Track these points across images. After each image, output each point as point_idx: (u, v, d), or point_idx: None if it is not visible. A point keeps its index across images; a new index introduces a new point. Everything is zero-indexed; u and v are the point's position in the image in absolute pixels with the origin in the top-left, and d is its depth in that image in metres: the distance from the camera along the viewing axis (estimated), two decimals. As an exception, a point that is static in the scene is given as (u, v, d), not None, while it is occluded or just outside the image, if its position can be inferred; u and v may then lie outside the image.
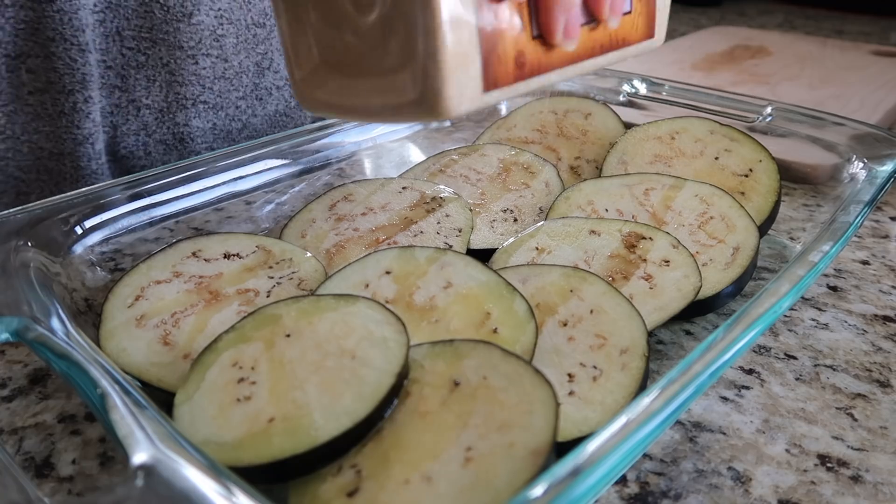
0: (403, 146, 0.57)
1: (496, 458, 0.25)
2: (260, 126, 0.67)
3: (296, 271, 0.39)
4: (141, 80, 0.57)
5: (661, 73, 0.82)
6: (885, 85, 0.79)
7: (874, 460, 0.32)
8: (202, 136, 0.63)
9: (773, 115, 0.53)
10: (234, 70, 0.62)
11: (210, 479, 0.23)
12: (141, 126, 0.59)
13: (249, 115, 0.65)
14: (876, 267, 0.49)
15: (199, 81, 0.59)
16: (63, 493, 0.30)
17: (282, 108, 0.68)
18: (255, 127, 0.66)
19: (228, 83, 0.62)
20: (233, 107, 0.63)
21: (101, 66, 0.55)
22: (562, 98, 0.59)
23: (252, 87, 0.64)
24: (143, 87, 0.57)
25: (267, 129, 0.68)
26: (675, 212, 0.44)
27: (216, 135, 0.64)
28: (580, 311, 0.35)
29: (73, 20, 0.51)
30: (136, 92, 0.57)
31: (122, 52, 0.55)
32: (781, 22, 1.30)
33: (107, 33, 0.54)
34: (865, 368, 0.38)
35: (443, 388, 0.28)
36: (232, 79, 0.62)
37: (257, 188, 0.48)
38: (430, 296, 0.35)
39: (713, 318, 0.41)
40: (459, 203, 0.45)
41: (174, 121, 0.60)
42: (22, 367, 0.38)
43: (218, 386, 0.29)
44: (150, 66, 0.57)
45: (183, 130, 0.61)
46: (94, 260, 0.40)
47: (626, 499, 0.30)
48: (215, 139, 0.64)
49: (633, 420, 0.25)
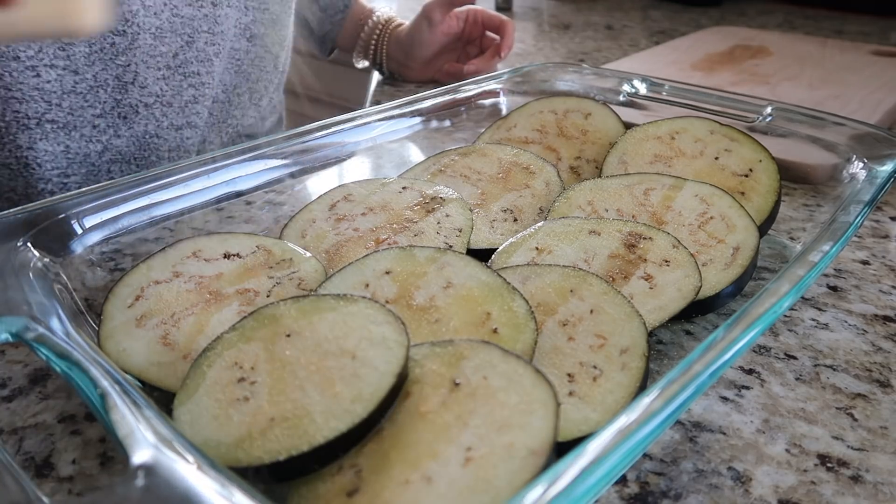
0: (403, 146, 0.57)
1: (496, 458, 0.25)
2: (126, 148, 0.60)
3: (296, 271, 0.39)
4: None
5: (661, 73, 0.82)
6: (885, 85, 0.79)
7: (874, 460, 0.32)
8: (52, 159, 0.56)
9: (773, 115, 0.53)
10: (88, 84, 0.55)
11: (210, 479, 0.23)
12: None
13: (111, 135, 0.58)
14: (876, 267, 0.49)
15: (43, 97, 0.53)
16: (63, 493, 0.30)
17: (152, 129, 0.61)
18: (120, 149, 0.60)
19: (81, 99, 0.55)
20: (89, 126, 0.57)
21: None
22: (562, 98, 0.59)
23: (112, 104, 0.57)
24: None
25: (135, 152, 0.61)
26: (675, 212, 0.44)
27: (70, 159, 0.57)
28: (580, 311, 0.35)
29: None
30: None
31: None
32: (781, 22, 1.30)
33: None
34: (865, 368, 0.38)
35: (443, 388, 0.28)
36: (85, 94, 0.55)
37: (257, 188, 0.48)
38: (430, 296, 0.35)
39: (713, 318, 0.41)
40: (459, 203, 0.45)
41: (16, 143, 0.54)
42: (22, 367, 0.38)
43: (218, 386, 0.29)
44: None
45: (27, 154, 0.55)
46: (94, 260, 0.40)
47: (626, 499, 0.30)
48: (70, 164, 0.57)
49: (633, 420, 0.25)
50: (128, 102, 0.58)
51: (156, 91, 0.59)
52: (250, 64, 0.68)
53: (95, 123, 0.57)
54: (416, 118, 0.57)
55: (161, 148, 0.63)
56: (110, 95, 0.57)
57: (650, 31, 1.24)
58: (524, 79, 0.64)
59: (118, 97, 0.57)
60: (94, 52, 0.54)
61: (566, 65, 0.66)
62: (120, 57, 0.56)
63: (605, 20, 1.33)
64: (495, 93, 0.63)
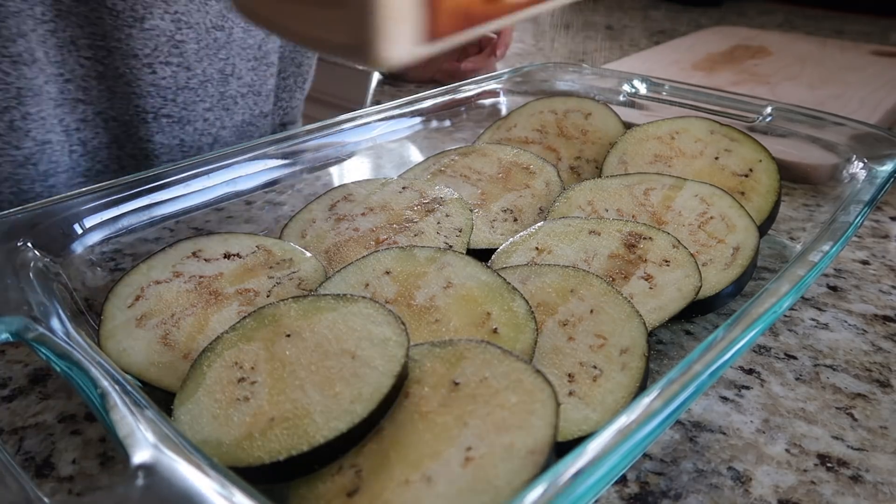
0: (403, 146, 0.57)
1: (496, 458, 0.25)
2: (228, 138, 0.63)
3: (296, 271, 0.39)
4: (103, 91, 0.53)
5: (661, 73, 0.81)
6: (885, 85, 0.79)
7: (874, 460, 0.32)
8: (167, 152, 0.58)
9: (773, 115, 0.53)
10: (199, 79, 0.57)
11: (210, 479, 0.23)
12: (111, 139, 0.55)
13: (218, 127, 0.61)
14: (876, 267, 0.49)
15: (159, 93, 0.55)
16: (63, 493, 0.30)
17: (248, 118, 0.64)
18: (225, 140, 0.62)
19: (193, 94, 0.57)
20: (200, 119, 0.59)
21: (58, 79, 0.51)
22: (562, 98, 0.59)
23: (218, 97, 0.59)
24: (107, 100, 0.53)
25: (234, 141, 0.63)
26: (675, 212, 0.44)
27: (185, 152, 0.59)
28: (580, 311, 0.35)
29: (1, 29, 0.46)
30: (100, 104, 0.53)
31: (80, 63, 0.51)
32: (781, 22, 1.30)
33: (60, 44, 0.50)
34: (865, 368, 0.38)
35: (443, 388, 0.28)
36: (196, 89, 0.57)
37: (257, 188, 0.48)
38: (430, 296, 0.35)
39: (713, 318, 0.41)
40: (459, 203, 0.45)
41: (138, 135, 0.56)
42: (22, 367, 0.38)
43: (218, 386, 0.29)
44: (108, 77, 0.52)
45: (147, 146, 0.57)
46: (94, 260, 0.40)
47: (626, 499, 0.30)
48: (184, 157, 0.59)
49: (633, 420, 0.25)
50: (230, 94, 0.61)
51: (248, 81, 0.62)
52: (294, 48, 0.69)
53: (206, 117, 0.59)
54: (416, 118, 0.57)
55: (254, 134, 0.65)
56: (216, 89, 0.59)
57: (650, 31, 1.24)
58: (524, 79, 0.64)
59: (222, 90, 0.60)
60: (202, 49, 0.56)
61: (566, 65, 0.66)
62: (221, 51, 0.58)
63: (605, 20, 1.33)
64: (495, 93, 0.63)
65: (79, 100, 0.53)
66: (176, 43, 0.54)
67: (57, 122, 0.53)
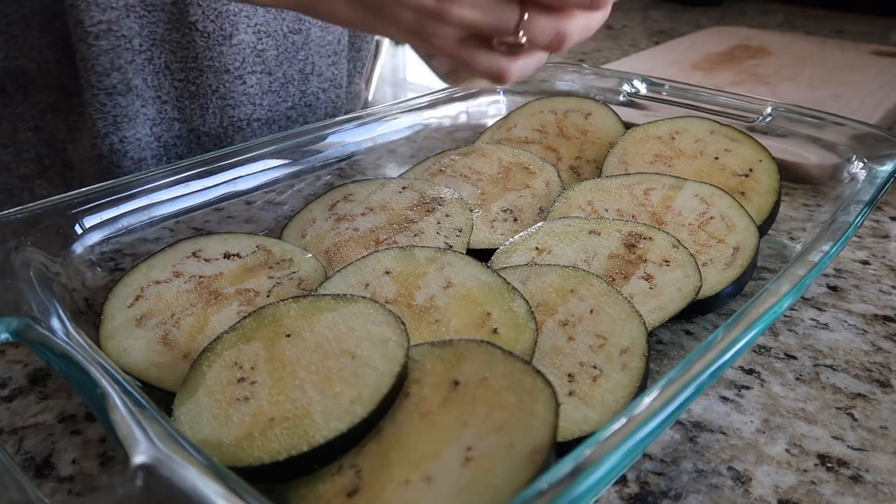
0: (403, 146, 0.57)
1: (496, 458, 0.25)
2: None
3: (296, 271, 0.39)
4: (196, 109, 0.57)
5: (661, 73, 0.81)
6: (885, 85, 0.79)
7: (874, 460, 0.32)
8: None
9: (773, 115, 0.53)
10: (280, 82, 0.61)
11: (210, 479, 0.23)
12: (203, 153, 0.59)
13: (301, 124, 0.64)
14: (876, 267, 0.49)
15: (249, 101, 0.59)
16: (63, 493, 0.30)
17: (330, 111, 0.66)
18: None
19: (276, 96, 0.61)
20: (284, 118, 0.62)
21: (156, 101, 0.55)
22: (562, 98, 0.59)
23: (300, 96, 0.63)
24: (199, 116, 0.57)
25: None
26: (675, 212, 0.44)
27: None
28: (580, 311, 0.35)
29: (95, 66, 0.51)
30: (193, 121, 0.57)
31: (174, 86, 0.56)
32: (781, 22, 1.30)
33: (156, 70, 0.54)
34: (865, 368, 0.38)
35: (443, 388, 0.28)
36: (279, 91, 0.61)
37: (257, 188, 0.48)
38: (430, 296, 0.35)
39: (713, 318, 0.41)
40: (459, 203, 0.45)
41: (232, 143, 0.59)
42: (22, 367, 0.38)
43: (218, 386, 0.29)
44: (201, 95, 0.57)
45: None
46: (94, 260, 0.40)
47: (626, 499, 0.30)
48: None
49: (633, 420, 0.25)
50: (311, 91, 0.63)
51: (328, 77, 0.64)
52: (354, 33, 0.71)
53: (289, 115, 0.62)
54: (416, 118, 0.57)
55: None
56: (297, 88, 0.62)
57: (650, 31, 1.24)
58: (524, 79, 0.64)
59: (303, 88, 0.62)
60: (281, 53, 0.59)
61: (566, 65, 0.66)
62: (300, 52, 0.61)
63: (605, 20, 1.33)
64: (495, 93, 0.63)
65: (174, 118, 0.57)
66: (258, 52, 0.57)
67: (154, 140, 0.57)
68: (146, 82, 0.54)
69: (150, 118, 0.56)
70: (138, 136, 0.56)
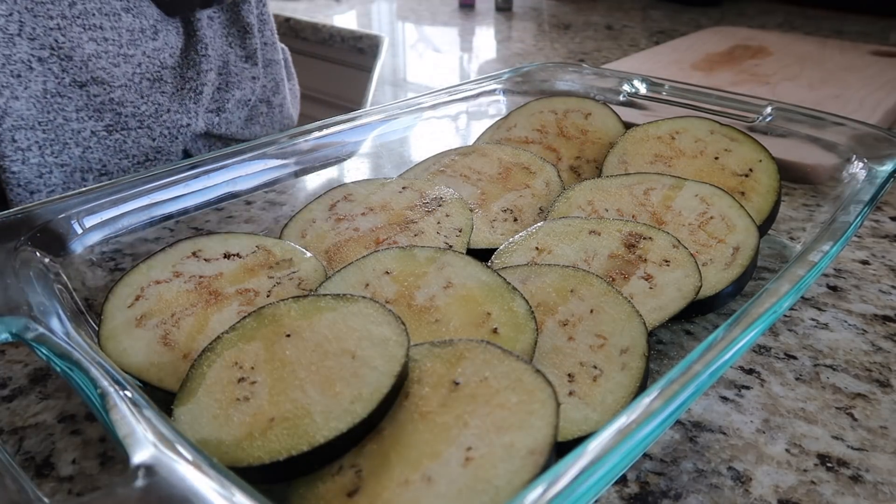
0: (403, 146, 0.57)
1: (496, 458, 0.25)
2: (24, 111, 0.57)
3: (296, 271, 0.39)
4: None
5: (661, 73, 0.82)
6: (885, 85, 0.79)
7: (874, 460, 0.32)
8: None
9: (773, 115, 0.53)
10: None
11: (210, 479, 0.23)
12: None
13: (7, 97, 0.56)
14: (876, 267, 0.49)
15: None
16: (63, 493, 0.30)
17: (52, 87, 0.58)
18: (20, 113, 0.57)
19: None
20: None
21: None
22: (562, 98, 0.59)
23: (3, 61, 0.54)
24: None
25: (34, 115, 0.58)
26: (675, 212, 0.44)
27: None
28: (580, 311, 0.35)
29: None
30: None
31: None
32: (781, 22, 1.30)
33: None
34: (865, 368, 0.38)
35: (443, 388, 0.28)
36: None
37: (257, 188, 0.48)
38: (430, 296, 0.35)
39: (713, 318, 0.41)
40: (459, 203, 0.45)
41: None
42: (22, 367, 0.38)
43: (218, 386, 0.29)
44: None
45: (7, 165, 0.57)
46: (94, 260, 0.40)
47: (626, 499, 0.30)
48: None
49: (633, 420, 0.25)
50: (18, 59, 0.56)
51: (46, 43, 0.57)
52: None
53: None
54: (416, 118, 0.57)
55: (61, 108, 0.62)
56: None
57: (650, 31, 1.24)
58: (524, 79, 0.64)
59: (6, 52, 0.55)
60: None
61: (566, 65, 0.66)
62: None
63: (605, 20, 1.33)
64: (495, 93, 0.63)
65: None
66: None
67: None
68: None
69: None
70: None
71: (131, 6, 0.60)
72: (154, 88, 0.63)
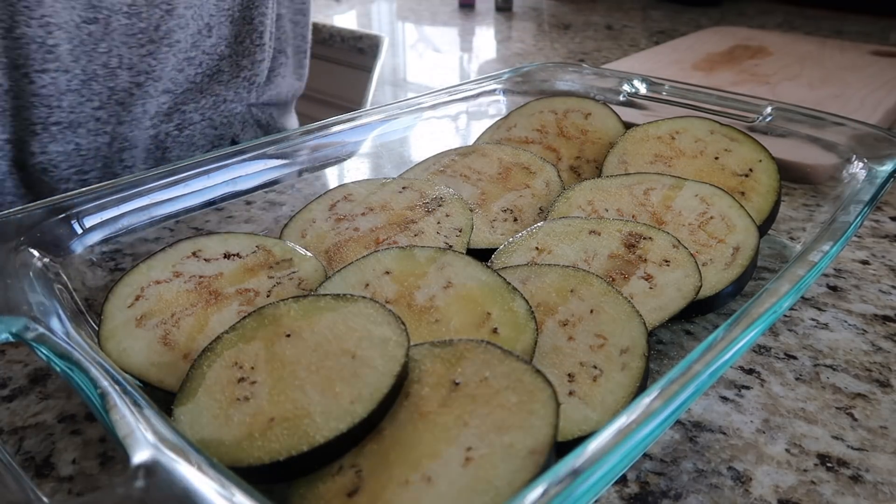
0: (403, 146, 0.57)
1: (496, 458, 0.25)
2: (128, 133, 0.60)
3: (296, 271, 0.39)
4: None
5: (661, 73, 0.82)
6: (885, 85, 0.79)
7: (874, 460, 0.32)
8: (66, 160, 0.57)
9: (773, 115, 0.53)
10: (80, 79, 0.55)
11: (210, 479, 0.23)
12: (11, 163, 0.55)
13: (114, 124, 0.58)
14: (876, 267, 0.49)
15: (42, 102, 0.53)
16: (63, 493, 0.30)
17: (152, 110, 0.61)
18: (125, 136, 0.59)
19: (77, 95, 0.55)
20: (91, 120, 0.57)
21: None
22: (562, 98, 0.59)
23: (108, 94, 0.57)
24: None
25: (135, 136, 0.60)
26: (675, 212, 0.44)
27: (83, 156, 0.58)
28: (580, 311, 0.35)
29: None
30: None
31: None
32: (781, 22, 1.30)
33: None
34: (865, 368, 0.38)
35: (443, 388, 0.28)
36: (80, 89, 0.55)
37: (257, 188, 0.48)
38: (431, 296, 0.35)
39: (713, 318, 0.41)
40: (459, 203, 0.45)
41: (30, 150, 0.54)
42: (22, 367, 0.38)
43: (218, 386, 0.29)
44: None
45: (44, 159, 0.56)
46: (94, 260, 0.40)
47: (626, 499, 0.30)
48: (83, 162, 0.58)
49: (633, 420, 0.25)
50: (122, 88, 0.58)
51: (143, 69, 0.59)
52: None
53: (97, 116, 0.57)
54: (416, 118, 0.57)
55: (166, 124, 0.64)
56: (102, 85, 0.56)
57: (650, 31, 1.24)
58: (524, 79, 0.64)
59: (111, 85, 0.57)
60: (77, 47, 0.54)
61: (566, 65, 0.66)
62: (101, 44, 0.55)
63: (605, 20, 1.33)
64: (495, 93, 0.63)
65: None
66: (49, 48, 0.52)
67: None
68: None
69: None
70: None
71: (196, 8, 0.61)
72: (213, 80, 0.65)
